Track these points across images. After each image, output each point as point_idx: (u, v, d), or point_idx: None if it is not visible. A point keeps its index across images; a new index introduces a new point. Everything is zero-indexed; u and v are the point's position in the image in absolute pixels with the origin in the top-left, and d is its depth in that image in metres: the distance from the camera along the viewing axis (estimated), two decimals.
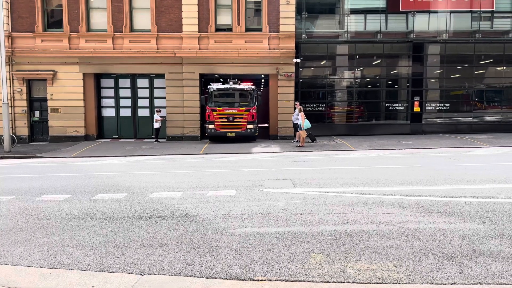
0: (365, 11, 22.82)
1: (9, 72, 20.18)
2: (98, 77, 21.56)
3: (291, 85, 21.23)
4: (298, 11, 21.37)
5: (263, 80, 27.92)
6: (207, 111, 19.84)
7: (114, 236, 5.82)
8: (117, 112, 21.98)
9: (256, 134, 20.22)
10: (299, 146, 18.07)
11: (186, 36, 20.50)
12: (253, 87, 20.02)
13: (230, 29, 20.87)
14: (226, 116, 19.52)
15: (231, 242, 5.39)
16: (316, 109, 22.73)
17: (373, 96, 24.11)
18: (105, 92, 21.93)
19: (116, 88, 21.90)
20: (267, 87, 27.24)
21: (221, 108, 19.55)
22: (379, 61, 23.40)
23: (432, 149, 16.93)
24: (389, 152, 16.38)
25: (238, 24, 20.65)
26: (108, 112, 22.03)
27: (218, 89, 19.75)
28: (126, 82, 21.81)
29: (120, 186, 9.61)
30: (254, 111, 19.75)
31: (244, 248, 5.15)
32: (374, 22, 22.14)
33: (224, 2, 20.86)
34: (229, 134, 19.67)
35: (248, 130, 19.68)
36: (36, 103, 21.57)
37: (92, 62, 20.70)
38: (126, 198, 8.33)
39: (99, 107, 21.84)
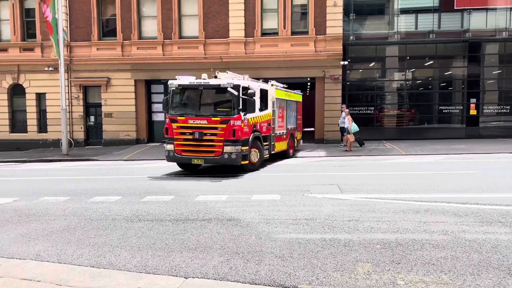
0: (416, 11, 21.96)
1: (67, 79, 21.36)
2: (148, 83, 22.29)
3: (338, 88, 20.83)
4: (346, 12, 20.97)
5: (308, 84, 27.64)
6: (166, 121, 12.76)
7: (160, 238, 5.91)
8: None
9: (247, 162, 12.19)
10: (346, 150, 17.64)
11: (233, 41, 20.72)
12: (242, 83, 12.04)
13: (276, 33, 20.86)
14: (190, 131, 11.93)
15: (275, 248, 5.29)
16: (364, 112, 22.14)
17: (425, 99, 23.10)
18: (155, 98, 22.64)
19: (166, 93, 22.50)
20: (312, 91, 26.95)
21: (183, 118, 12.03)
22: (431, 62, 22.40)
23: (490, 154, 15.89)
24: (443, 157, 15.56)
25: (284, 28, 20.59)
26: (158, 117, 22.71)
27: (181, 86, 12.36)
28: None
29: (167, 189, 9.80)
30: (239, 122, 11.66)
31: (288, 254, 5.03)
32: (426, 22, 21.24)
33: (270, 6, 20.91)
34: (195, 161, 12.07)
35: (226, 156, 11.66)
36: (91, 108, 22.68)
37: (143, 69, 21.44)
38: (173, 200, 8.47)
39: (149, 112, 22.57)
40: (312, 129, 22.91)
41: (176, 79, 12.56)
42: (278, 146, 14.90)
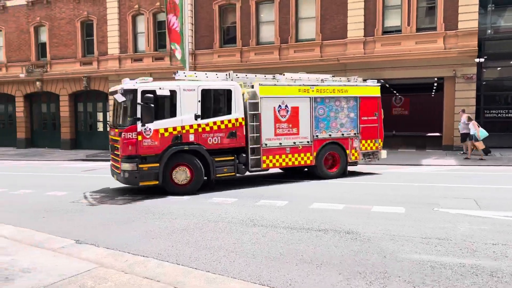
0: None
1: None
2: None
3: (472, 89, 18.49)
4: (482, 4, 18.56)
5: (435, 84, 25.26)
6: None
7: (274, 246, 5.68)
8: None
9: (147, 183, 9.70)
10: (467, 158, 15.67)
11: (351, 41, 19.90)
12: (143, 87, 9.55)
13: (399, 31, 19.42)
14: (110, 144, 10.88)
15: (402, 270, 4.64)
16: (503, 116, 19.31)
17: None
18: None
19: None
20: (439, 92, 24.57)
21: (109, 128, 11.40)
22: None
23: None
24: None
25: (408, 24, 19.06)
26: None
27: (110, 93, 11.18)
28: None
29: (281, 193, 9.62)
30: (133, 135, 9.48)
31: (419, 280, 4.35)
32: None
33: (392, 3, 19.56)
34: (114, 177, 10.59)
35: (122, 174, 9.70)
36: None
37: (259, 74, 21.84)
38: (287, 206, 8.23)
39: None
40: (437, 134, 20.79)
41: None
42: (280, 160, 11.19)
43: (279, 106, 11.18)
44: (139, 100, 9.44)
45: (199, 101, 10.12)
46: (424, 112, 33.38)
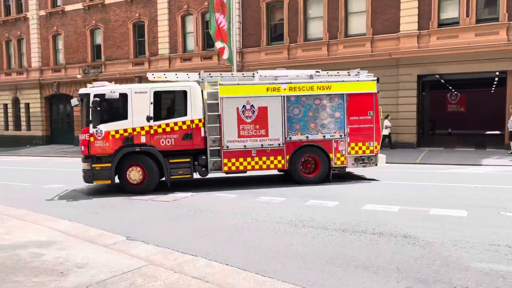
0: None
1: None
2: None
3: None
4: None
5: (496, 79, 23.65)
6: None
7: (326, 249, 5.42)
8: None
9: (100, 181, 10.24)
10: None
11: (404, 35, 19.03)
12: (94, 91, 10.07)
13: (456, 23, 18.32)
14: None
15: (469, 281, 4.24)
16: None
17: None
18: None
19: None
20: (500, 87, 23.00)
21: None
22: None
23: None
24: None
25: (467, 15, 17.92)
26: None
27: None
28: None
29: (331, 193, 9.30)
30: (86, 136, 10.08)
31: None
32: None
33: None
34: None
35: (82, 173, 10.42)
36: None
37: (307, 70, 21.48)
38: (338, 207, 7.92)
39: None
40: (498, 132, 19.41)
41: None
42: (245, 163, 10.51)
43: (244, 106, 10.49)
44: (90, 103, 9.91)
45: (151, 103, 10.16)
46: (483, 109, 31.46)
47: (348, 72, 11.46)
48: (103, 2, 26.91)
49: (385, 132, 18.69)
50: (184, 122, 10.30)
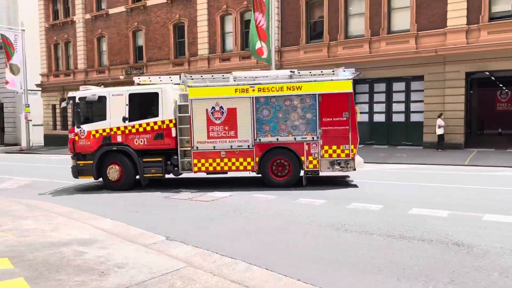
0: None
1: None
2: (353, 82, 21.62)
3: None
4: None
5: None
6: None
7: (371, 256, 5.14)
8: (371, 117, 21.58)
9: (84, 177, 11.18)
10: None
11: (451, 31, 18.13)
12: (79, 94, 11.08)
13: (508, 16, 17.23)
14: None
15: None
16: None
17: None
18: (359, 98, 21.89)
19: (371, 93, 21.53)
20: None
21: None
22: None
23: None
24: None
25: None
26: (362, 118, 21.86)
27: None
28: (381, 87, 21.14)
29: (375, 196, 8.93)
30: (72, 136, 11.08)
31: None
32: None
33: None
34: None
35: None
36: None
37: (347, 68, 20.96)
38: (382, 211, 7.57)
39: None
40: None
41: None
42: (214, 164, 10.51)
43: (213, 108, 10.49)
44: (75, 106, 11.03)
45: (126, 105, 10.77)
46: None
47: (333, 71, 10.97)
48: (144, 4, 27.54)
49: (439, 131, 17.89)
50: (155, 123, 10.69)
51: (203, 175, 11.63)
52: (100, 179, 11.12)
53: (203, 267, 4.91)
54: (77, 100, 10.99)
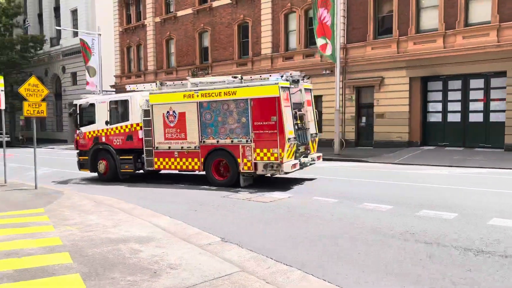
0: None
1: (342, 81, 21.95)
2: (424, 80, 20.34)
3: None
4: None
5: None
6: None
7: (444, 273, 4.56)
8: (444, 117, 20.07)
9: (84, 170, 13.84)
10: None
11: None
12: (80, 101, 13.77)
13: None
14: None
15: None
16: None
17: None
18: (431, 96, 20.48)
19: (444, 91, 20.01)
20: None
21: None
22: None
23: None
24: None
25: None
26: (434, 117, 20.43)
27: None
28: (456, 84, 19.56)
29: (448, 203, 8.13)
30: (75, 136, 14.00)
31: None
32: None
33: None
34: None
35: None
36: (363, 109, 22.58)
37: (419, 65, 19.70)
38: (457, 219, 6.82)
39: (424, 112, 20.60)
40: None
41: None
42: (170, 163, 11.79)
43: (167, 112, 11.66)
44: (77, 111, 13.54)
45: (108, 110, 12.83)
46: None
47: (281, 75, 10.79)
48: (210, 5, 28.05)
49: None
50: (127, 126, 12.56)
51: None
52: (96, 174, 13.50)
53: (256, 273, 4.66)
54: (78, 107, 13.45)
